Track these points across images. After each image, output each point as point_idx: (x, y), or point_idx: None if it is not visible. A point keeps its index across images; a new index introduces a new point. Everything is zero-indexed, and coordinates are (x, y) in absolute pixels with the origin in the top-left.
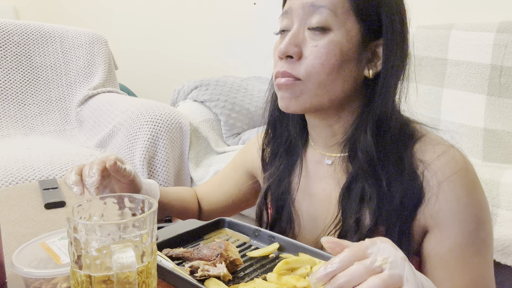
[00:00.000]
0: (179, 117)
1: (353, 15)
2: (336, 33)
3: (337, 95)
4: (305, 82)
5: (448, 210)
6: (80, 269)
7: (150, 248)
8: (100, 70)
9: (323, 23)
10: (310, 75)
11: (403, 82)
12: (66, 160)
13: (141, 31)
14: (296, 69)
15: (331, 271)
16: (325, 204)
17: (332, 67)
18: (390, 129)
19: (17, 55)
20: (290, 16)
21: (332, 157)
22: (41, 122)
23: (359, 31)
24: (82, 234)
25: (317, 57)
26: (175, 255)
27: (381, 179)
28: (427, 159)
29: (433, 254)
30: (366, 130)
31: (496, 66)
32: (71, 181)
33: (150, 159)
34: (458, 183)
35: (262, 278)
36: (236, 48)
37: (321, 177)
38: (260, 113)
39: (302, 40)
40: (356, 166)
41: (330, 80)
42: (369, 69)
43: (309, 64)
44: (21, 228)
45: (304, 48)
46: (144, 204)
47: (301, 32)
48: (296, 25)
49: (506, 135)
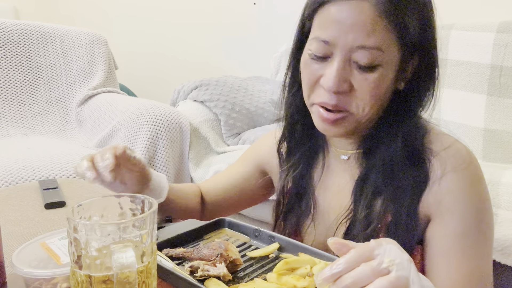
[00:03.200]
0: (179, 117)
1: (396, 45)
2: (384, 66)
3: (374, 116)
4: (354, 114)
5: (451, 199)
6: (80, 269)
7: (150, 248)
8: (100, 70)
9: (372, 63)
10: (360, 108)
11: (433, 91)
12: (66, 160)
13: (141, 31)
14: (346, 102)
15: (337, 271)
16: (339, 197)
17: (380, 97)
18: (414, 134)
19: (17, 55)
20: (331, 47)
21: (349, 153)
22: (41, 122)
23: (399, 58)
24: (82, 234)
25: (367, 91)
26: (175, 255)
27: (395, 174)
28: (436, 149)
29: (433, 242)
30: (395, 140)
31: (496, 66)
32: (84, 167)
33: (150, 159)
34: (462, 174)
35: (262, 278)
36: (236, 48)
37: (337, 172)
38: (260, 113)
39: (349, 73)
40: (371, 162)
41: (376, 108)
42: (401, 81)
43: (360, 98)
44: (21, 228)
45: (352, 80)
46: (144, 204)
47: (347, 66)
48: (341, 59)
49: (506, 135)
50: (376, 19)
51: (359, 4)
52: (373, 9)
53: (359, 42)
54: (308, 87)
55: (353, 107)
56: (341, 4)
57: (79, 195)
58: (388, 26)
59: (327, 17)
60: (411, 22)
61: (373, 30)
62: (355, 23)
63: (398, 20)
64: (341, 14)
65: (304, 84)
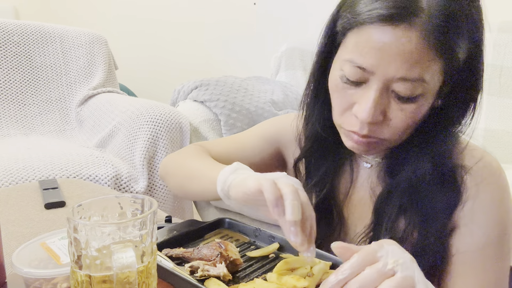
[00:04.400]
0: (179, 117)
1: (441, 73)
2: (425, 96)
3: (407, 136)
4: (387, 140)
5: (478, 211)
6: (80, 269)
7: (150, 248)
8: (100, 70)
9: (413, 94)
10: (394, 135)
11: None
12: (66, 160)
13: (141, 31)
14: (379, 132)
15: (342, 278)
16: (360, 209)
17: (416, 123)
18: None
19: (17, 55)
20: (368, 74)
21: (370, 160)
22: (41, 122)
23: (442, 82)
24: (82, 234)
25: (403, 121)
26: (175, 255)
27: (422, 194)
28: (467, 164)
29: (453, 251)
30: (424, 160)
31: (496, 66)
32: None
33: (150, 159)
34: (492, 188)
35: (262, 278)
36: (236, 48)
37: (358, 180)
38: (260, 113)
39: (386, 103)
40: (395, 181)
41: (410, 132)
42: (438, 99)
43: (394, 127)
44: (21, 228)
45: (388, 109)
46: (144, 204)
47: (384, 95)
48: (379, 88)
49: (506, 135)
50: (423, 51)
51: (406, 32)
52: (421, 38)
53: (401, 74)
54: (337, 112)
55: (385, 134)
56: (385, 30)
57: (79, 195)
58: (435, 56)
59: (366, 40)
60: (460, 49)
61: (418, 62)
62: (400, 53)
63: (447, 50)
64: (384, 41)
65: (334, 106)
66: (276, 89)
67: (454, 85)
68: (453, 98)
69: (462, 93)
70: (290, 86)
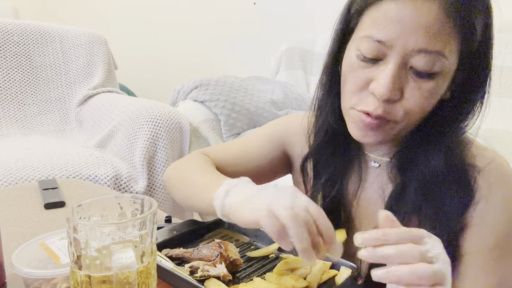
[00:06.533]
0: (179, 117)
1: (457, 53)
2: (442, 75)
3: (416, 124)
4: (398, 123)
5: (489, 212)
6: (80, 269)
7: (150, 248)
8: (100, 70)
9: (431, 70)
10: (406, 117)
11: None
12: (66, 160)
13: (141, 31)
14: (393, 112)
15: (384, 238)
16: (365, 207)
17: (429, 108)
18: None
19: (17, 55)
20: (385, 49)
21: (380, 160)
22: (40, 122)
23: (456, 66)
24: (82, 234)
25: (418, 101)
26: (175, 255)
27: (436, 193)
28: (480, 165)
29: (463, 252)
30: (436, 155)
31: (496, 66)
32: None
33: (150, 159)
34: (503, 189)
35: (262, 278)
36: (236, 47)
37: (366, 179)
38: (260, 113)
39: (404, 79)
40: (407, 178)
41: (420, 118)
42: (447, 90)
43: (409, 108)
44: (21, 228)
45: (405, 88)
46: (144, 204)
47: (402, 71)
48: (397, 63)
49: (506, 135)
50: (443, 23)
51: (425, 3)
52: (441, 9)
53: (420, 45)
54: (351, 92)
55: (398, 117)
56: (404, 1)
57: (78, 195)
58: (454, 29)
59: (385, 14)
60: (476, 30)
61: (438, 33)
62: (420, 24)
63: (465, 23)
64: (404, 13)
65: (347, 89)
66: (276, 89)
67: (465, 76)
68: (462, 91)
69: (469, 91)
70: (290, 86)
